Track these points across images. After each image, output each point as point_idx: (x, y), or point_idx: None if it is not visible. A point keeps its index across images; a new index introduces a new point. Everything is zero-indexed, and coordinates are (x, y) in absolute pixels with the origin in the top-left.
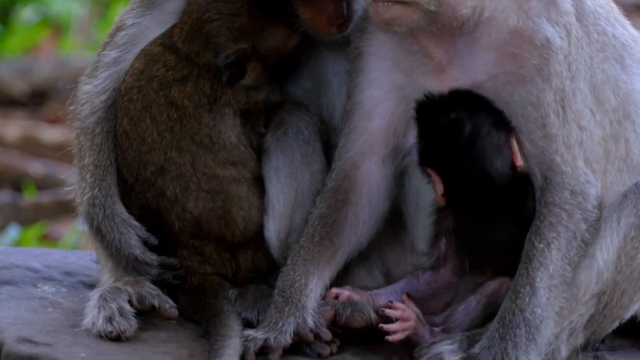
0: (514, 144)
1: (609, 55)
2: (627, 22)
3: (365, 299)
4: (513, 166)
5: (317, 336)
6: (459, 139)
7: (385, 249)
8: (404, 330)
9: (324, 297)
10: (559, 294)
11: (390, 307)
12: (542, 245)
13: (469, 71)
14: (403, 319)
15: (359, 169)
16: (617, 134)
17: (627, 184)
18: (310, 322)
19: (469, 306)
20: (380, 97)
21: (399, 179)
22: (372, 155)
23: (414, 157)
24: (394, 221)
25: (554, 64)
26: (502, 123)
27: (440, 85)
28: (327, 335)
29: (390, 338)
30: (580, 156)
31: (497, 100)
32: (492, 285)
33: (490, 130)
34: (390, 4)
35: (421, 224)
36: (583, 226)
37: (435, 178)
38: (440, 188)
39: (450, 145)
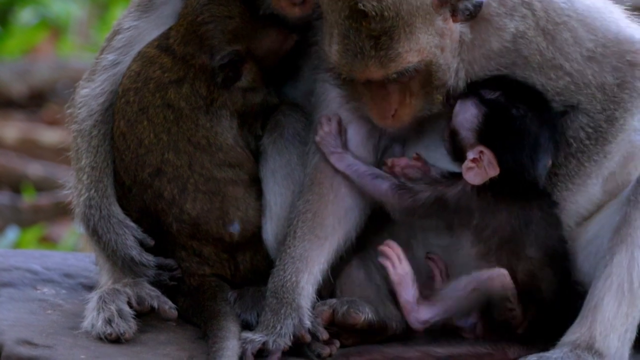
0: None
1: None
2: None
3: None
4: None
5: (314, 336)
6: (524, 128)
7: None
8: (395, 272)
9: (319, 295)
10: None
11: (387, 246)
12: None
13: None
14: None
15: None
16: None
17: None
18: (307, 322)
19: (458, 285)
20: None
21: None
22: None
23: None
24: (389, 219)
25: (525, 48)
26: (550, 116)
27: None
28: (323, 334)
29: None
30: None
31: None
32: (487, 274)
33: (543, 124)
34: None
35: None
36: None
37: (491, 158)
38: (494, 170)
39: (516, 131)
